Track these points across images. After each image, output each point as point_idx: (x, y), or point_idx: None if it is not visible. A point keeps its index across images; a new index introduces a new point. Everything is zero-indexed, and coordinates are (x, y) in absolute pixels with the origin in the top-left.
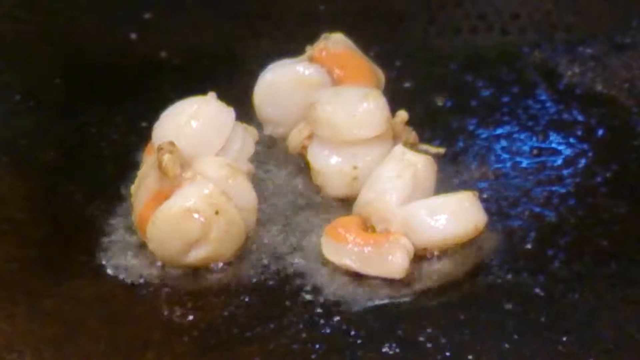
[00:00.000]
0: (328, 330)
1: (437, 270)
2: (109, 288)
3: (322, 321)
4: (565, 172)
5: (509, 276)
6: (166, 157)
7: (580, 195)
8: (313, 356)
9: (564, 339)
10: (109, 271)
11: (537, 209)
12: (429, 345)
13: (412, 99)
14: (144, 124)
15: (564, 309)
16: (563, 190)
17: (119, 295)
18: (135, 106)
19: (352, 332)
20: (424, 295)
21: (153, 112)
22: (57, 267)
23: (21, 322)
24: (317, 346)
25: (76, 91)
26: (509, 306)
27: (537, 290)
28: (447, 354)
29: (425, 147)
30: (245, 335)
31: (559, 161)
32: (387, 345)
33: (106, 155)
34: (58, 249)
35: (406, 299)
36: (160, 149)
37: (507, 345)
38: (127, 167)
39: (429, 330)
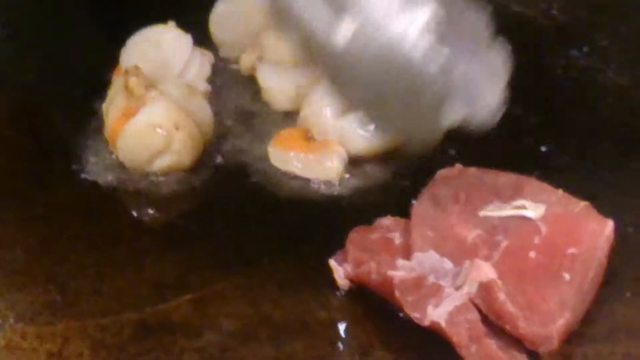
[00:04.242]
0: (274, 223)
1: (368, 173)
2: (86, 194)
3: (267, 216)
4: None
5: (428, 176)
6: (132, 80)
7: None
8: (263, 244)
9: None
10: (85, 178)
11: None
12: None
13: None
14: (112, 48)
15: None
16: None
17: (94, 200)
18: (104, 32)
19: (297, 224)
20: (356, 194)
21: (120, 37)
22: (40, 177)
23: (12, 225)
24: (265, 236)
25: (51, 20)
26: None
27: None
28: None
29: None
30: (203, 232)
31: None
32: (327, 234)
33: (79, 76)
34: (40, 160)
35: (341, 197)
36: (127, 72)
37: None
38: (98, 87)
39: (358, 222)
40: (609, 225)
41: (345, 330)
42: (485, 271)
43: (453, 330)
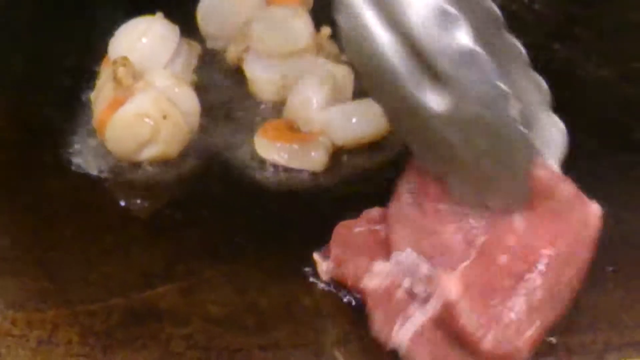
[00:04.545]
0: (259, 212)
1: (353, 164)
2: (74, 183)
3: (253, 205)
4: None
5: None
6: (121, 70)
7: None
8: (249, 233)
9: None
10: (74, 168)
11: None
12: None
13: None
14: (100, 39)
15: None
16: None
17: (82, 189)
18: (93, 23)
19: (283, 214)
20: (341, 185)
21: (108, 28)
22: (29, 166)
23: (1, 214)
24: (251, 225)
25: (40, 11)
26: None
27: None
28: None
29: (346, 58)
30: (190, 220)
31: None
32: (311, 223)
33: (68, 67)
34: (29, 149)
35: (326, 187)
36: (115, 62)
37: None
38: (87, 77)
39: (342, 212)
40: (596, 211)
41: (330, 318)
42: (449, 289)
43: (417, 351)
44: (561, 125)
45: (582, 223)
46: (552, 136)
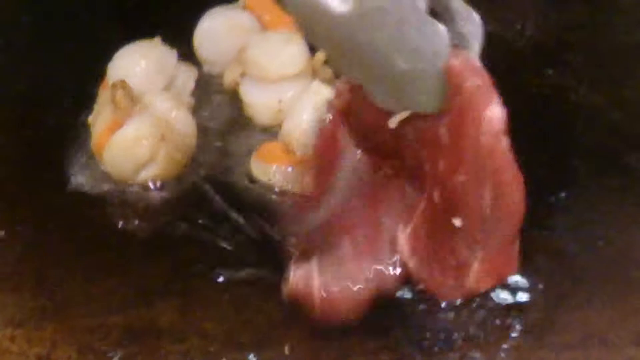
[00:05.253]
0: (255, 232)
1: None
2: (74, 203)
3: (249, 225)
4: None
5: None
6: (119, 93)
7: None
8: (246, 252)
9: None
10: (73, 188)
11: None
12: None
13: None
14: (99, 63)
15: None
16: None
17: (82, 209)
18: (92, 47)
19: (279, 234)
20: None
21: (107, 52)
22: (30, 186)
23: (2, 231)
24: (248, 243)
25: (41, 35)
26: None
27: None
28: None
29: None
30: (187, 239)
31: None
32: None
33: (67, 89)
34: (30, 170)
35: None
36: (114, 86)
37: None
38: (86, 100)
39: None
40: (496, 113)
41: (327, 336)
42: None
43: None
44: (477, 17)
45: (484, 123)
46: (469, 28)
